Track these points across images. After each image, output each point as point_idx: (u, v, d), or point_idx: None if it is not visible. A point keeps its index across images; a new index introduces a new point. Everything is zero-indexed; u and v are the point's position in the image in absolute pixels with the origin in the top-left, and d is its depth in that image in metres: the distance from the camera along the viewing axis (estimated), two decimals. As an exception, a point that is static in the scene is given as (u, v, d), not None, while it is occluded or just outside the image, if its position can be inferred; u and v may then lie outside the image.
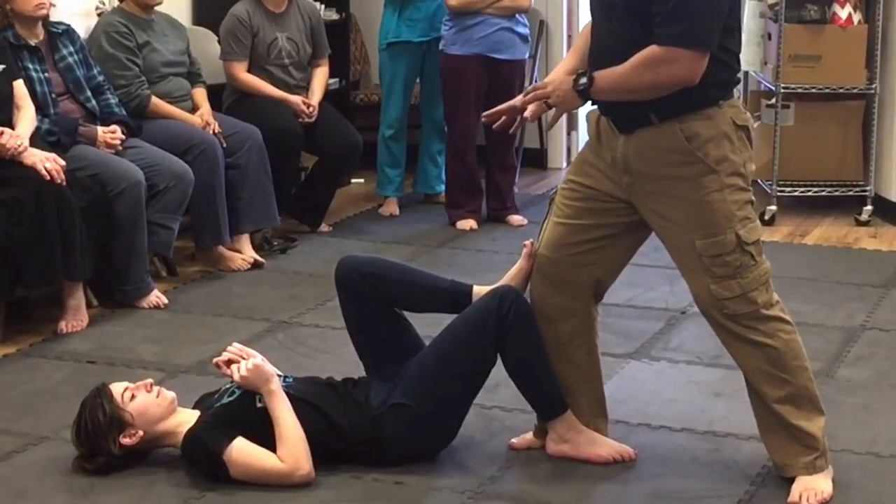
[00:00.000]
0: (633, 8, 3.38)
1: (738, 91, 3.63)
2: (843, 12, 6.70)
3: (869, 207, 6.82)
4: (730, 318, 3.52)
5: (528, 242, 3.81)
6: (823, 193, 6.92)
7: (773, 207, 6.78)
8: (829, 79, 6.73)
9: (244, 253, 5.98)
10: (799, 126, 6.83)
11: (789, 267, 5.88)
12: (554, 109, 3.53)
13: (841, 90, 6.76)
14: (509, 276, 3.82)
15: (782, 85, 6.72)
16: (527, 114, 3.54)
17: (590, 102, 3.54)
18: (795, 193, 6.91)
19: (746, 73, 7.32)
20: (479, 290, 3.82)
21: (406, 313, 3.94)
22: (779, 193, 6.83)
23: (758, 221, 3.55)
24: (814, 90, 6.75)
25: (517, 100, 3.60)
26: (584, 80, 3.45)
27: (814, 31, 6.71)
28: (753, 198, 3.55)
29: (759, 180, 7.03)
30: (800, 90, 6.76)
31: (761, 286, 3.50)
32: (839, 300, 5.44)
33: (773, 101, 6.79)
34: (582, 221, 3.61)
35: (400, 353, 3.83)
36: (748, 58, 7.00)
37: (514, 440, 3.91)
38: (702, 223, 3.47)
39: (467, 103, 6.56)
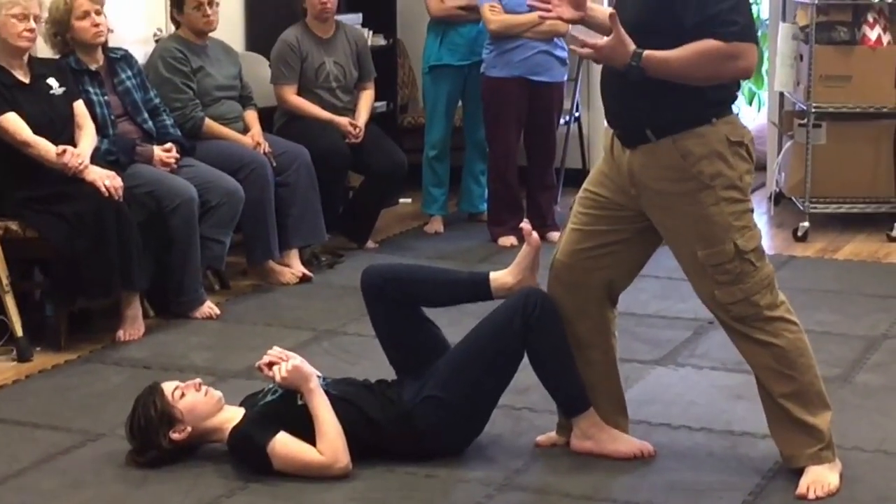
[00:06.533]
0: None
1: (736, 107, 3.79)
2: (873, 33, 6.86)
3: (900, 224, 6.95)
4: (736, 320, 3.68)
5: (524, 224, 4.03)
6: (855, 210, 7.06)
7: (806, 224, 6.91)
8: (860, 98, 6.88)
9: (293, 267, 6.17)
10: (831, 145, 6.98)
11: (819, 281, 6.06)
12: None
13: (871, 109, 6.90)
14: (518, 260, 4.00)
15: (814, 105, 6.87)
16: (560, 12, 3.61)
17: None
18: (828, 210, 7.06)
19: (781, 93, 7.51)
20: (496, 276, 4.01)
21: (434, 318, 4.13)
22: (811, 210, 6.97)
23: (757, 229, 3.70)
24: (844, 109, 6.90)
25: None
26: (635, 61, 3.46)
27: (844, 52, 6.88)
28: (753, 206, 3.71)
29: (792, 197, 7.21)
30: (831, 109, 6.90)
31: (764, 289, 3.66)
32: (864, 311, 5.58)
33: (805, 120, 6.94)
34: (595, 227, 3.78)
35: (428, 353, 4.02)
36: (781, 79, 7.22)
37: (539, 438, 4.09)
38: (701, 235, 3.63)
39: (508, 124, 6.74)
